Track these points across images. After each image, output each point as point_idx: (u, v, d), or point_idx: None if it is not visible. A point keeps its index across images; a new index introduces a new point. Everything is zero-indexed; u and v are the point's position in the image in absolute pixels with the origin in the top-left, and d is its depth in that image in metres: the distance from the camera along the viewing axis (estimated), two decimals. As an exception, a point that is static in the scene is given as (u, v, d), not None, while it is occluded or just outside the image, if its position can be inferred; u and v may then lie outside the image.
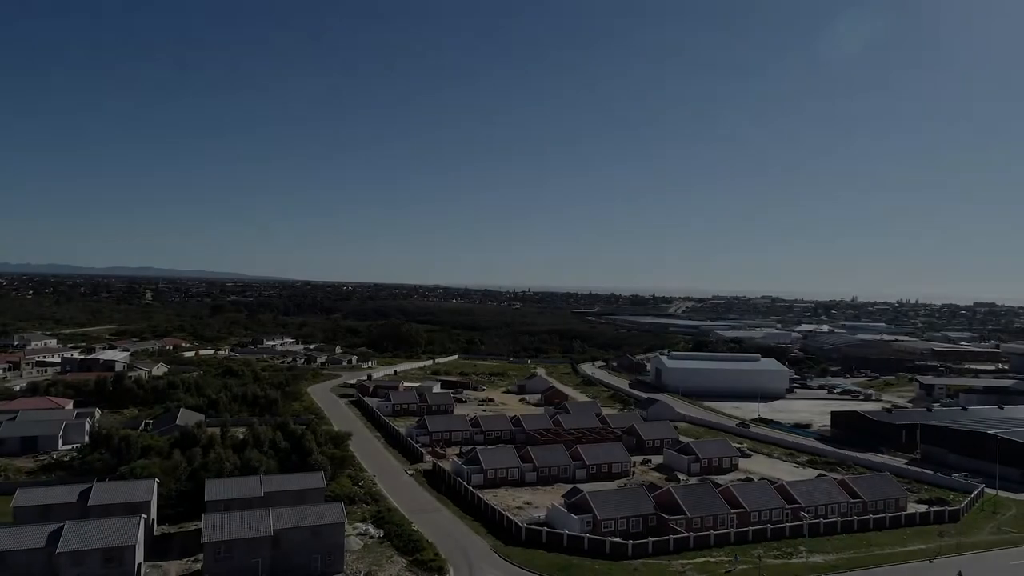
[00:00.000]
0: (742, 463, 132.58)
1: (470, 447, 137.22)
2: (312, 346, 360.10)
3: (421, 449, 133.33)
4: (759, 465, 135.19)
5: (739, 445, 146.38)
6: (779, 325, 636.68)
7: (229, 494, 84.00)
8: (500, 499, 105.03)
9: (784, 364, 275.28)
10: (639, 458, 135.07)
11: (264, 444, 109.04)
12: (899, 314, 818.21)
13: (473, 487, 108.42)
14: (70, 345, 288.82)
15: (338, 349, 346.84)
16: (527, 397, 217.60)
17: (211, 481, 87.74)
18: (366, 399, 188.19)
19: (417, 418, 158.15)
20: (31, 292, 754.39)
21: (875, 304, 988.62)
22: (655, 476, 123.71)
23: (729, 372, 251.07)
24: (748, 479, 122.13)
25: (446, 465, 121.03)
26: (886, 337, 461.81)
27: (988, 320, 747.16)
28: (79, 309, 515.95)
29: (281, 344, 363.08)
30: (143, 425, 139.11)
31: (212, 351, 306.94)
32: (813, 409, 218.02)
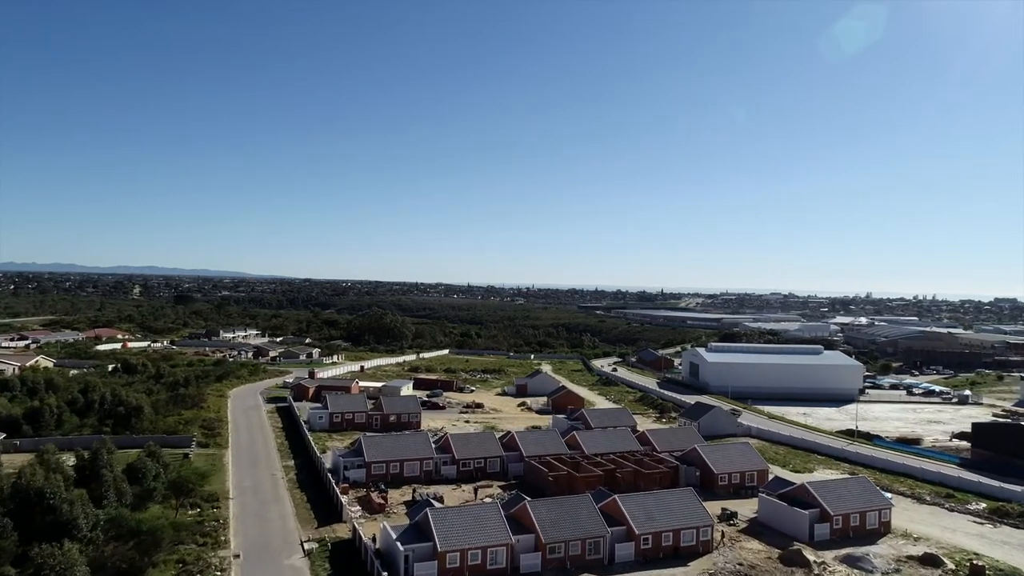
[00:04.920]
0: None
1: (429, 490, 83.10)
2: (279, 339, 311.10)
3: (344, 497, 77.88)
4: (916, 520, 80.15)
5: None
6: (803, 320, 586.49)
7: None
8: (466, 623, 50.60)
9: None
10: (714, 506, 79.92)
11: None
12: (921, 309, 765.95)
13: (415, 589, 54.27)
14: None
15: (307, 342, 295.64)
16: (528, 401, 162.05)
17: None
18: (299, 405, 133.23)
19: (366, 434, 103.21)
20: (12, 287, 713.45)
21: (892, 300, 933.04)
22: (754, 550, 68.56)
23: (789, 368, 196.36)
24: (929, 556, 67.34)
25: (375, 531, 66.21)
26: (936, 329, 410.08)
27: (1017, 315, 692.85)
28: (29, 302, 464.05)
29: (244, 336, 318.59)
30: None
31: (147, 343, 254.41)
32: (903, 416, 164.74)
